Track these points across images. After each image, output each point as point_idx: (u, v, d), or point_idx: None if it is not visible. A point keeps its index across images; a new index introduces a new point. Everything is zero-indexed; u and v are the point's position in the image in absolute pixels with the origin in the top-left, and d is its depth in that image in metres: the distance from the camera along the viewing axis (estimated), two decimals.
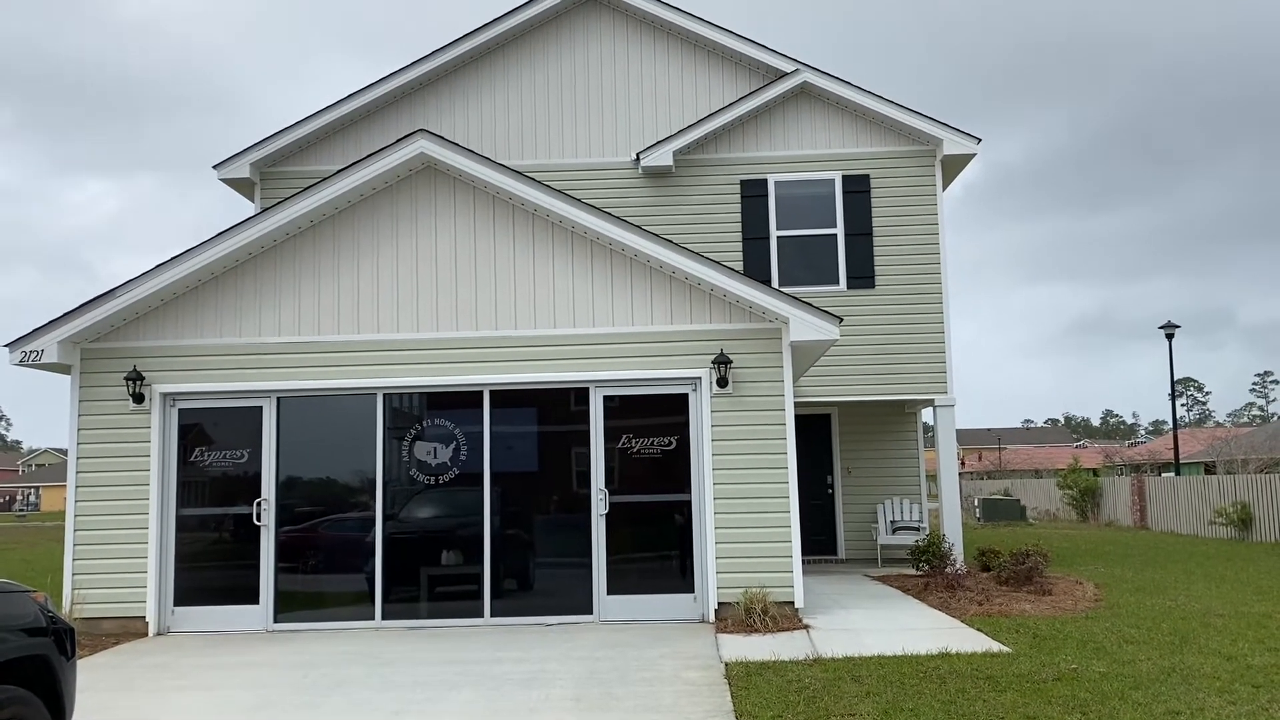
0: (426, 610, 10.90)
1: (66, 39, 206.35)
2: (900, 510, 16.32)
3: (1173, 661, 8.16)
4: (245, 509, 10.98)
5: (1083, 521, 31.24)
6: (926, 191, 15.15)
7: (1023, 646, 8.86)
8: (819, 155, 15.28)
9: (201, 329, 11.07)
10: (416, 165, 11.17)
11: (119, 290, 10.77)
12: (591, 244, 11.07)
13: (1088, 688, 7.28)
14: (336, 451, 11.24)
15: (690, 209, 15.22)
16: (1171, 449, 33.14)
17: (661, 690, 7.59)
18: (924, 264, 14.96)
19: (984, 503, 33.13)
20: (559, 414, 11.26)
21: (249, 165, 15.19)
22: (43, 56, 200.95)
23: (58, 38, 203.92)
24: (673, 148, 15.02)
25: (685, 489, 10.89)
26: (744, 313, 10.91)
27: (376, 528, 10.93)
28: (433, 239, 11.17)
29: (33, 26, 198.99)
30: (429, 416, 11.21)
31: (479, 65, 15.67)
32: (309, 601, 11.02)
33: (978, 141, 14.97)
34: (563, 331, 11.00)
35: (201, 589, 10.93)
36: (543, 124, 15.54)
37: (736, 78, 15.67)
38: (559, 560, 11.14)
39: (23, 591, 4.94)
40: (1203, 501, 24.02)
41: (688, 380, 10.93)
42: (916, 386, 14.80)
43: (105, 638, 10.42)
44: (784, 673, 7.95)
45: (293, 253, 11.16)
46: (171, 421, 11.05)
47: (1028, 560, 12.54)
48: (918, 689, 7.32)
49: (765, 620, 10.00)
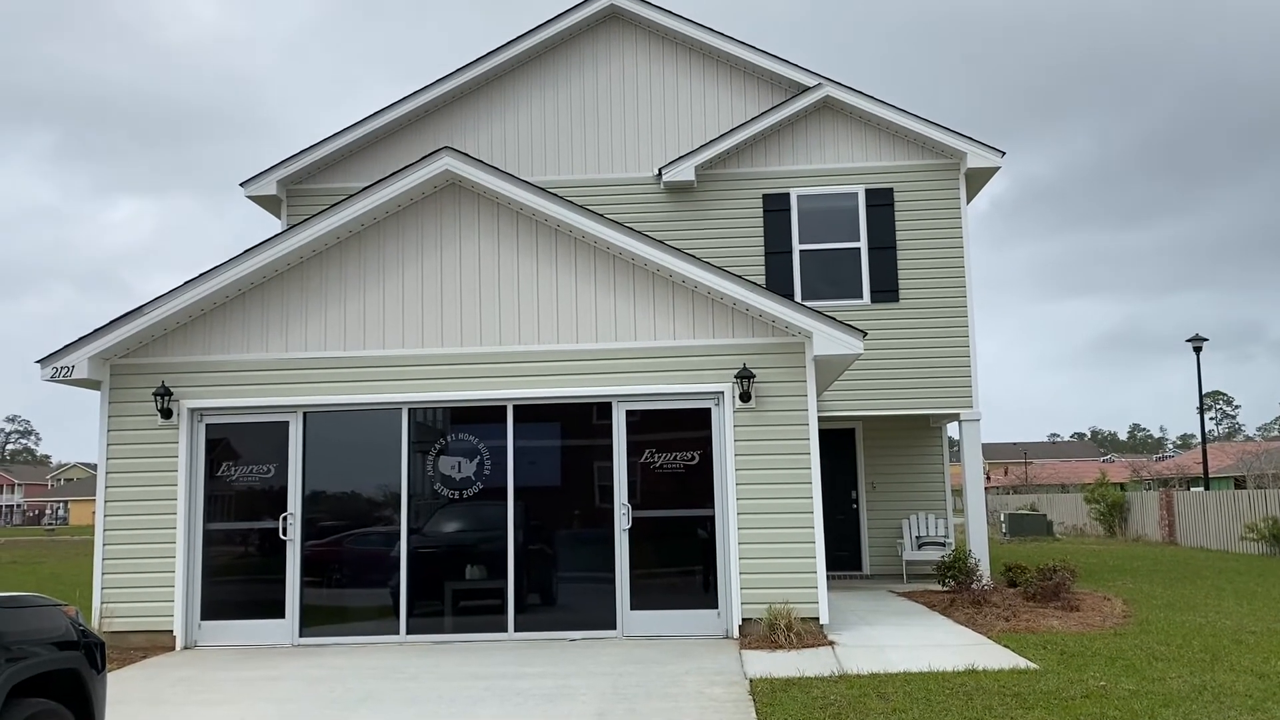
0: (450, 624, 10.93)
1: (112, 65, 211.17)
2: (925, 525, 16.21)
3: (1203, 679, 8.05)
4: (271, 523, 11.05)
5: (1110, 537, 30.91)
6: (950, 205, 15.10)
7: (1050, 663, 8.77)
8: (842, 169, 15.27)
9: (228, 345, 11.18)
10: (441, 182, 11.25)
11: (148, 307, 10.90)
12: (614, 259, 11.11)
13: (1116, 705, 7.20)
14: (362, 466, 11.31)
15: (712, 223, 15.24)
16: (1200, 463, 32.76)
17: (686, 706, 7.57)
18: (948, 277, 14.91)
19: (1010, 518, 32.84)
20: (582, 428, 11.28)
21: (275, 183, 15.35)
22: (88, 82, 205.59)
23: (103, 64, 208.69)
24: (695, 163, 15.05)
25: (708, 504, 10.87)
26: (767, 327, 10.91)
27: (401, 542, 10.97)
28: (457, 255, 11.24)
29: (79, 53, 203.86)
30: (453, 431, 11.26)
31: (502, 82, 15.79)
32: (334, 616, 11.07)
33: (1001, 155, 14.92)
34: (585, 346, 11.03)
35: (228, 603, 11.00)
36: (565, 139, 15.63)
37: (759, 92, 15.71)
38: (582, 575, 11.14)
39: (54, 605, 5.00)
40: (1233, 516, 23.72)
41: (710, 395, 10.93)
42: (941, 401, 14.73)
43: (133, 651, 10.50)
44: (809, 689, 7.91)
45: (319, 269, 11.26)
46: (199, 436, 11.15)
47: (1055, 576, 12.42)
48: (944, 706, 7.27)
49: (790, 636, 9.96)
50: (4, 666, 4.33)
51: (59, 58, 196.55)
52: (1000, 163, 14.91)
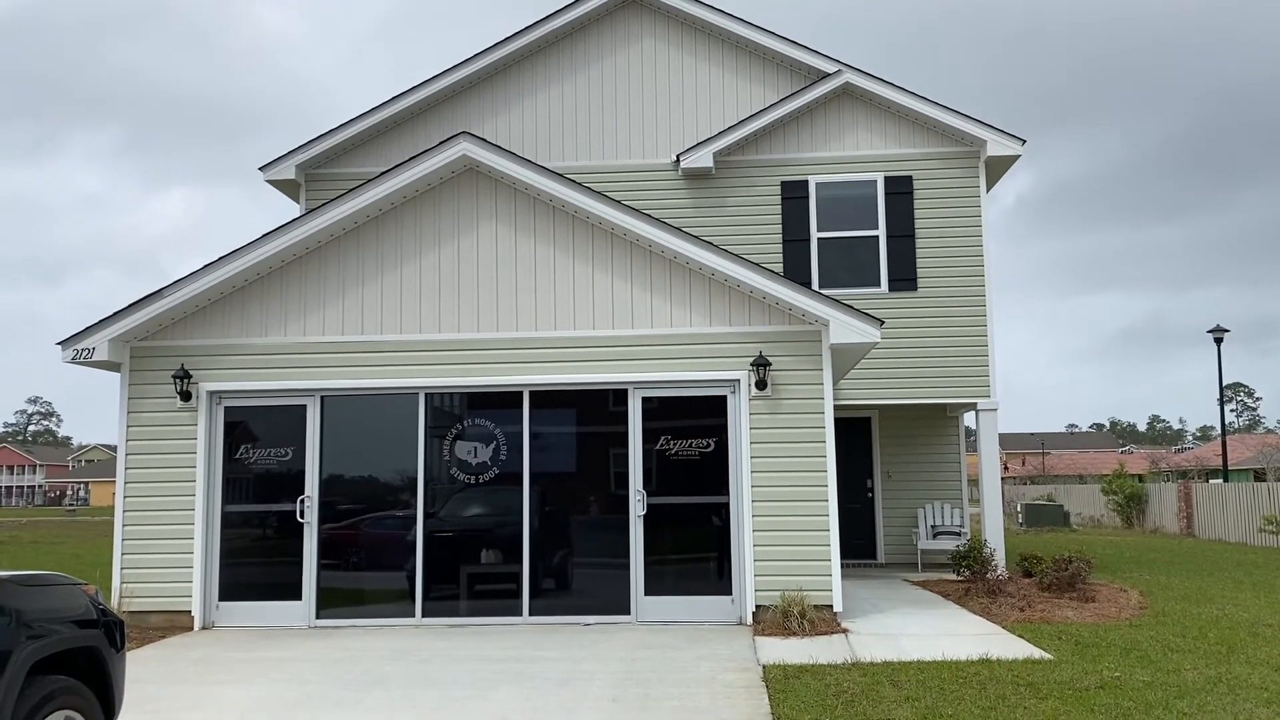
0: (465, 608, 10.99)
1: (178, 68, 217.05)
2: (941, 515, 16.17)
3: (1219, 671, 8.02)
4: (288, 506, 11.13)
5: (1128, 528, 30.77)
6: (970, 193, 15.00)
7: (1065, 654, 8.75)
8: (861, 156, 15.19)
9: (247, 328, 11.24)
10: (458, 167, 11.26)
11: (167, 290, 10.97)
12: (631, 246, 11.10)
13: (1131, 696, 7.18)
14: (378, 450, 11.37)
15: (730, 210, 15.20)
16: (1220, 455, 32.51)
17: (699, 692, 7.59)
18: (967, 266, 14.82)
19: (1027, 508, 32.72)
20: (598, 415, 11.30)
21: (294, 167, 15.38)
22: (152, 83, 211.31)
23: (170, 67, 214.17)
24: (713, 149, 15.00)
25: (723, 491, 10.88)
26: (784, 315, 10.88)
27: (417, 526, 11.03)
28: (474, 240, 11.26)
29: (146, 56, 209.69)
30: (469, 416, 11.30)
31: (520, 68, 15.76)
32: (350, 598, 11.15)
33: (1022, 143, 14.80)
34: (602, 333, 11.03)
35: (245, 584, 11.09)
36: (583, 126, 15.60)
37: (778, 79, 15.63)
38: (597, 560, 11.17)
39: (74, 584, 5.06)
40: (1252, 509, 23.56)
41: (726, 382, 10.93)
42: (958, 390, 14.66)
43: (152, 631, 10.62)
44: (822, 676, 7.92)
45: (336, 254, 11.30)
46: (217, 419, 11.23)
47: (1070, 566, 12.38)
48: (957, 695, 7.27)
49: (803, 623, 9.97)
50: (25, 644, 4.39)
51: (126, 61, 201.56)
52: (1021, 150, 14.79)
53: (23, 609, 4.47)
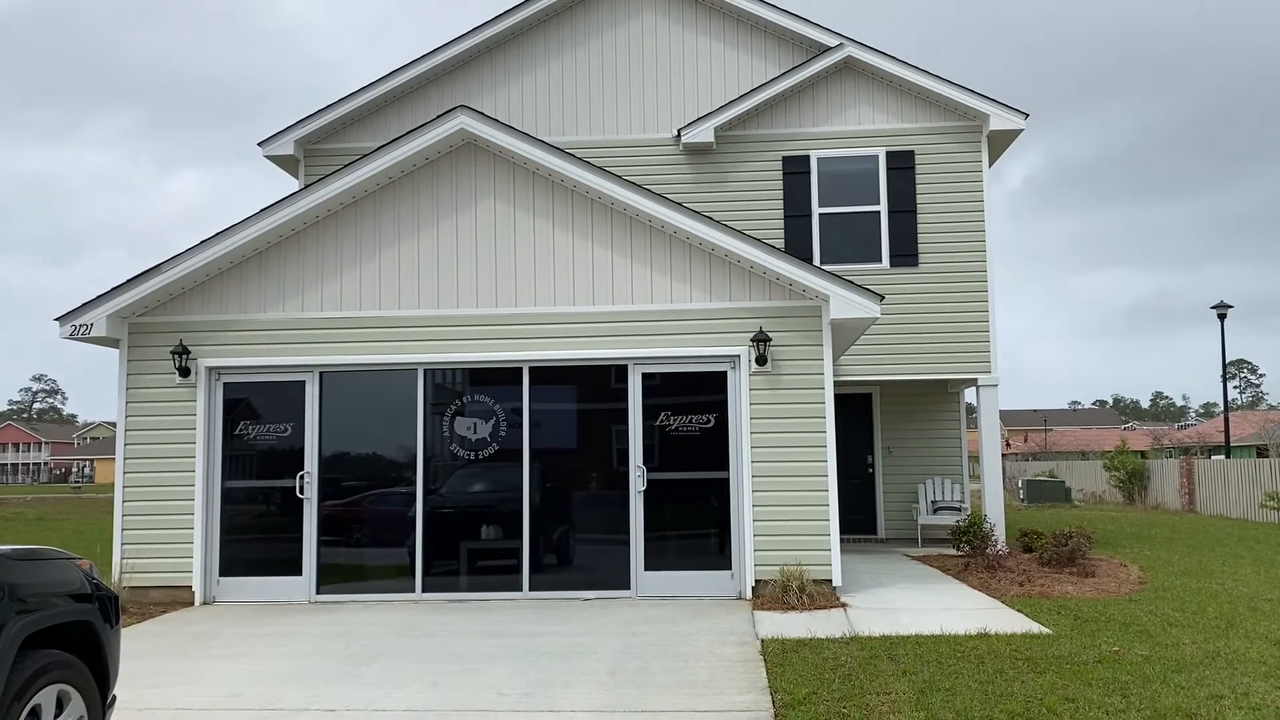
0: (466, 584, 11.01)
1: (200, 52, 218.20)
2: (941, 490, 16.17)
3: (1217, 645, 8.02)
4: (288, 482, 11.13)
5: (1129, 504, 30.77)
6: (972, 168, 14.90)
7: (1063, 628, 8.76)
8: (862, 131, 15.08)
9: (246, 304, 11.21)
10: (457, 141, 11.19)
11: (165, 265, 10.93)
12: (631, 221, 11.04)
13: (1129, 670, 7.18)
14: (378, 426, 11.35)
15: (731, 185, 15.11)
16: (1222, 431, 32.49)
17: (697, 665, 7.61)
18: (968, 242, 14.74)
19: (1028, 484, 32.74)
20: (598, 391, 11.28)
21: (293, 142, 15.30)
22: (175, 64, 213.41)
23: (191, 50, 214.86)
24: (714, 124, 14.89)
25: (723, 466, 10.87)
26: (784, 290, 10.83)
27: (417, 502, 11.03)
28: (473, 215, 11.20)
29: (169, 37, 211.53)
30: (470, 392, 11.27)
31: (519, 41, 15.64)
32: (350, 574, 11.17)
33: (1025, 116, 14.69)
34: (602, 308, 10.99)
35: (246, 560, 11.12)
36: (584, 100, 15.49)
37: (780, 52, 15.50)
38: (597, 536, 11.18)
39: (68, 559, 5.05)
40: (1253, 485, 23.54)
41: (726, 358, 10.89)
42: (959, 366, 14.62)
43: (153, 606, 10.65)
44: (820, 650, 7.93)
45: (334, 229, 11.25)
46: (217, 395, 11.22)
47: (1070, 541, 12.38)
48: (955, 669, 7.27)
49: (802, 598, 9.98)
50: (18, 618, 4.38)
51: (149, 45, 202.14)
52: (1023, 124, 14.68)
53: (15, 583, 4.45)
